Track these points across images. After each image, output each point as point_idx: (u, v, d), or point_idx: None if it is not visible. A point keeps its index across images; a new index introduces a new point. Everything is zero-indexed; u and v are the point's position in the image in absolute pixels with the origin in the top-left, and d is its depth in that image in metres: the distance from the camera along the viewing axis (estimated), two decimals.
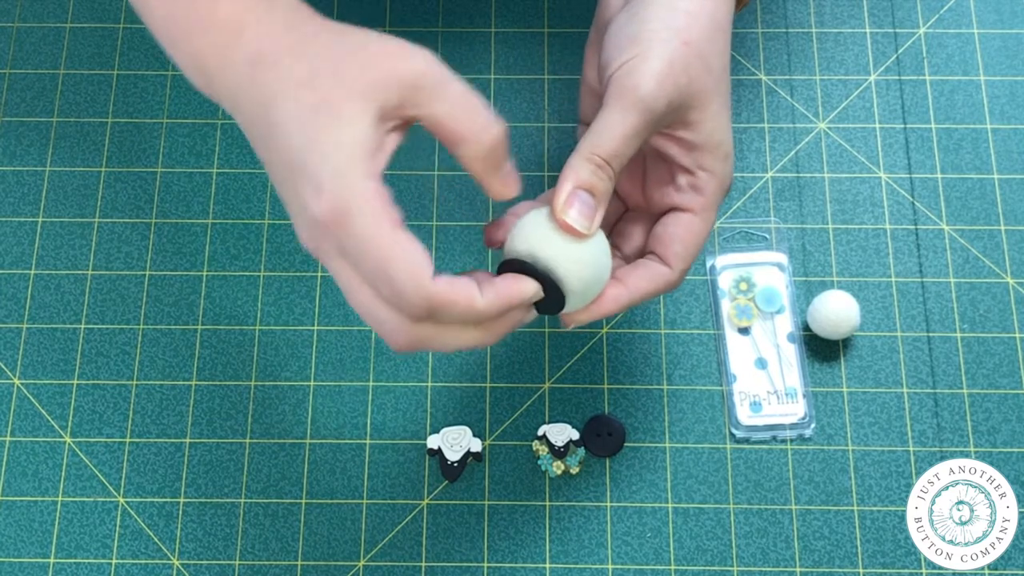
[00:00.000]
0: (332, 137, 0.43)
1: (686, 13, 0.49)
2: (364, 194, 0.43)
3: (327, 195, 0.43)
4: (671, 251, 0.51)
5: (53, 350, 0.66)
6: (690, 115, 0.50)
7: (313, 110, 0.44)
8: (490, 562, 0.62)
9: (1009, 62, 0.71)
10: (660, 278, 0.51)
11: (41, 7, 0.74)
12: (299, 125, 0.44)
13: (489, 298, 0.45)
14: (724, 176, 0.51)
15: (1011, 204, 0.68)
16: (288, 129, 0.44)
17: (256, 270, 0.67)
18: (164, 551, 0.62)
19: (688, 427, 0.64)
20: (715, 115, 0.50)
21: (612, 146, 0.48)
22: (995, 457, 0.63)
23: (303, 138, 0.44)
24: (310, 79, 0.45)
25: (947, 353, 0.65)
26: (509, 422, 0.64)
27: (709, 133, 0.50)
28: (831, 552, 0.62)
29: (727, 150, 0.51)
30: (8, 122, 0.71)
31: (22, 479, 0.64)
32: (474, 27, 0.73)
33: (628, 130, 0.48)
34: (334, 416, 0.65)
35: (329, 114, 0.44)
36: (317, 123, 0.44)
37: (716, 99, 0.50)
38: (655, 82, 0.48)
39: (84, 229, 0.68)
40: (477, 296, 0.45)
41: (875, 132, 0.70)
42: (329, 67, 0.45)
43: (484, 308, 0.45)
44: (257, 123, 0.46)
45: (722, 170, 0.51)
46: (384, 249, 0.43)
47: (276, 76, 0.45)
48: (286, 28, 0.47)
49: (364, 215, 0.43)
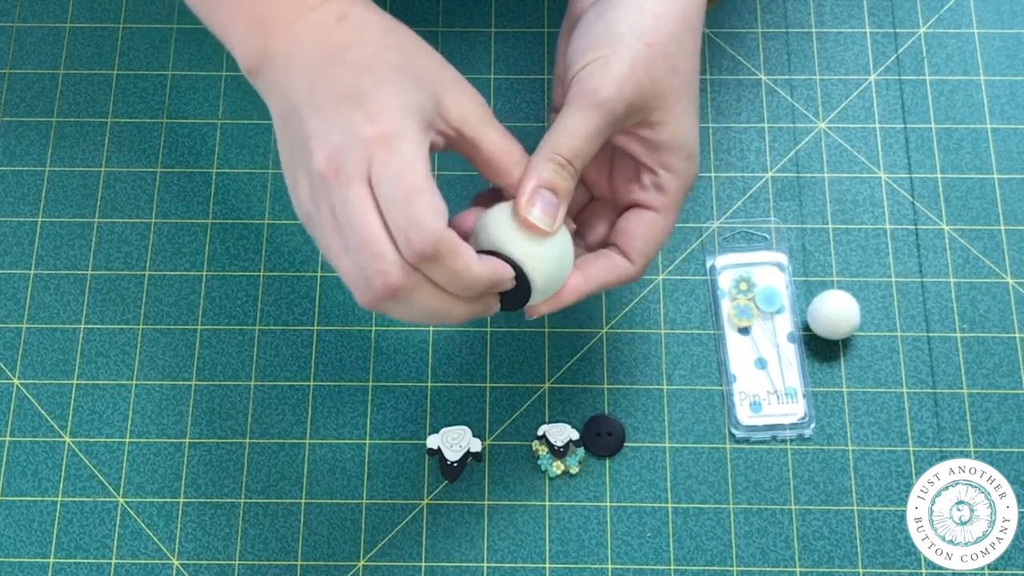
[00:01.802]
0: (406, 88, 0.46)
1: (653, 16, 0.50)
2: (417, 134, 0.46)
3: (385, 120, 0.45)
4: (633, 246, 0.53)
5: (53, 350, 0.66)
6: (653, 115, 0.50)
7: (396, 64, 0.47)
8: (490, 562, 0.62)
9: (1009, 62, 0.71)
10: (620, 271, 0.53)
11: (41, 7, 0.74)
12: (378, 68, 0.47)
13: (485, 263, 0.47)
14: (687, 176, 0.52)
15: (1011, 204, 0.68)
16: (364, 68, 0.46)
17: (256, 270, 0.67)
18: (164, 551, 0.62)
19: (688, 427, 0.64)
20: (679, 116, 0.51)
21: (572, 145, 0.49)
22: (995, 457, 0.63)
23: (378, 77, 0.46)
24: (397, 46, 0.48)
25: (947, 353, 0.65)
26: (509, 422, 0.64)
27: (672, 134, 0.51)
28: (831, 552, 0.62)
29: (691, 150, 0.52)
30: (8, 122, 0.71)
31: (22, 479, 0.64)
32: (474, 27, 0.73)
33: (588, 131, 0.49)
34: (334, 416, 0.65)
35: (409, 74, 0.47)
36: (396, 74, 0.47)
37: (681, 100, 0.51)
38: (615, 85, 0.49)
39: (84, 229, 0.68)
40: (476, 260, 0.47)
41: (875, 132, 0.70)
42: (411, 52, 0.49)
43: (478, 271, 0.47)
44: (315, 67, 0.47)
45: (685, 169, 0.52)
46: (419, 179, 0.45)
47: (365, 30, 0.48)
48: (374, 9, 0.50)
49: (412, 144, 0.45)
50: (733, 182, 0.69)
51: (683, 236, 0.68)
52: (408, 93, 0.46)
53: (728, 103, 0.70)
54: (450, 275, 0.46)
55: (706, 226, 0.68)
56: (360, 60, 0.47)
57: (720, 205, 0.68)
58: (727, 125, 0.70)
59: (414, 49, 0.50)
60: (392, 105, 0.45)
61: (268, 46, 0.49)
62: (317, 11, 0.49)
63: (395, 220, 0.45)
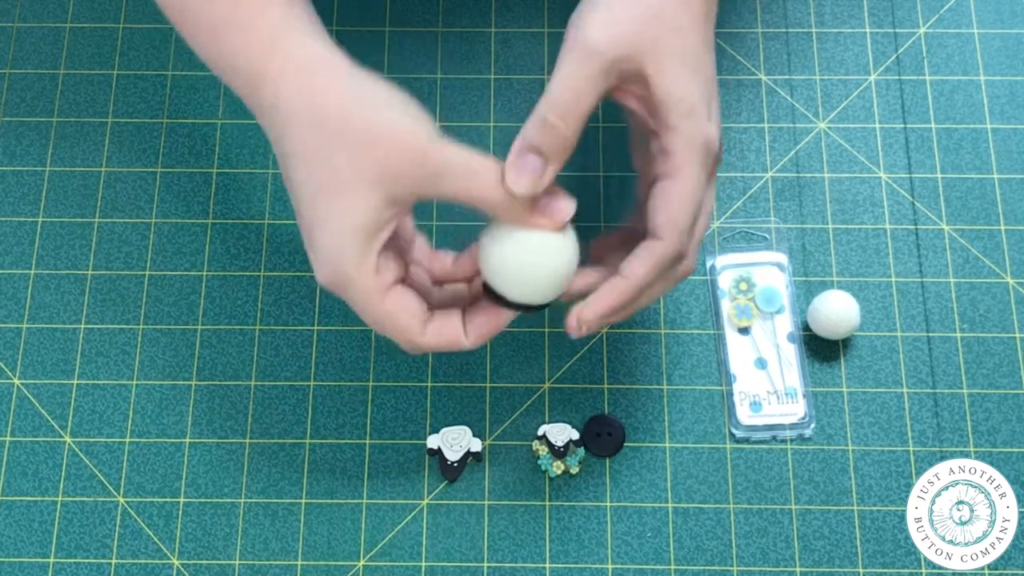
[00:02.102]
0: (338, 217, 0.48)
1: None
2: (360, 271, 0.49)
3: (327, 269, 0.49)
4: (657, 223, 0.50)
5: (53, 350, 0.66)
6: (646, 68, 0.49)
7: (323, 187, 0.48)
8: (490, 562, 0.62)
9: (1009, 62, 0.71)
10: (656, 252, 0.50)
11: (41, 7, 0.74)
12: (309, 198, 0.49)
13: (474, 336, 0.52)
14: (691, 134, 0.49)
15: (1011, 204, 0.68)
16: (300, 195, 0.49)
17: (256, 270, 0.67)
18: (164, 551, 0.62)
19: (688, 427, 0.64)
20: (673, 70, 0.49)
21: (563, 97, 0.48)
22: (995, 457, 0.63)
23: (312, 211, 0.49)
24: (322, 152, 0.48)
25: (947, 353, 0.65)
26: (509, 422, 0.64)
27: (668, 89, 0.49)
28: (831, 552, 0.62)
29: (690, 105, 0.49)
30: (8, 122, 0.71)
31: (22, 479, 0.64)
32: (474, 27, 0.73)
33: (579, 80, 0.48)
34: (334, 416, 0.65)
35: (339, 195, 0.48)
36: (325, 201, 0.49)
37: (674, 53, 0.49)
38: (600, 28, 0.48)
39: (84, 229, 0.68)
40: (462, 337, 0.52)
41: (875, 132, 0.70)
42: (340, 143, 0.48)
43: (471, 345, 0.52)
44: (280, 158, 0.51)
45: (687, 127, 0.49)
46: (378, 314, 0.50)
47: (290, 135, 0.49)
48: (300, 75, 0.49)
49: (358, 291, 0.49)
50: (733, 182, 0.69)
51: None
52: (347, 210, 0.48)
53: (728, 103, 0.70)
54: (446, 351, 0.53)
55: None
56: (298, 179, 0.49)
57: (720, 205, 0.68)
58: (727, 125, 0.70)
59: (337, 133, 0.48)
60: (329, 249, 0.49)
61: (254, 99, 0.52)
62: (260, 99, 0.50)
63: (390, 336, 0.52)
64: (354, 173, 0.47)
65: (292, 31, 0.50)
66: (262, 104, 0.50)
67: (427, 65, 0.72)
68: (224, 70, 0.52)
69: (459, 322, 0.52)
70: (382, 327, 0.51)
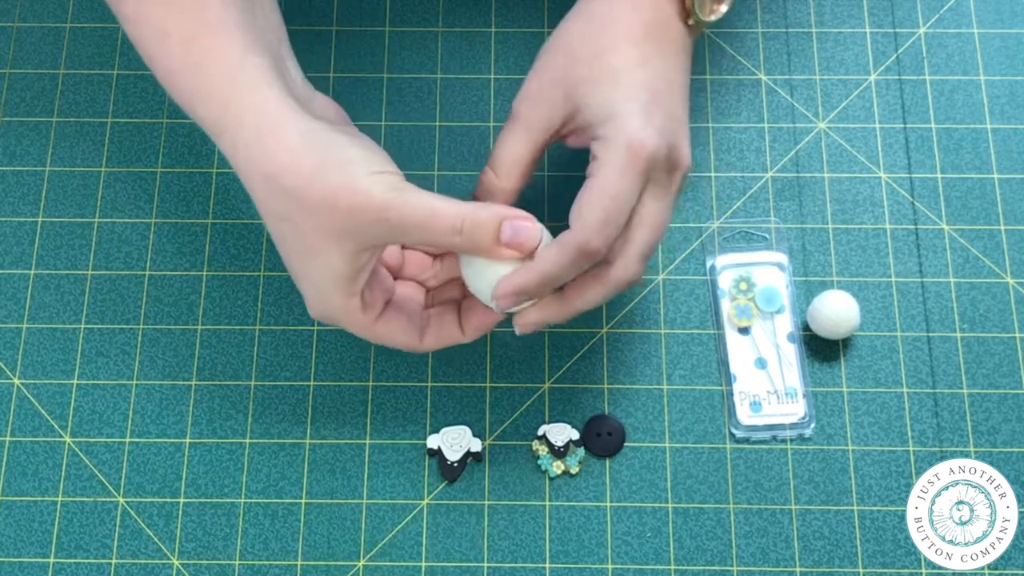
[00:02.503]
0: (315, 272, 0.51)
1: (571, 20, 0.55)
2: (347, 312, 0.52)
3: (318, 310, 0.53)
4: (571, 216, 0.51)
5: (53, 350, 0.66)
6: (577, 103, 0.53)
7: (296, 249, 0.51)
8: (490, 562, 0.62)
9: (1009, 62, 0.71)
10: (564, 240, 0.50)
11: (41, 7, 0.74)
12: (285, 254, 0.52)
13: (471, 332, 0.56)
14: (609, 136, 0.50)
15: (1011, 204, 0.68)
16: (278, 247, 0.52)
17: (256, 270, 0.67)
18: (164, 551, 0.62)
19: (688, 427, 0.64)
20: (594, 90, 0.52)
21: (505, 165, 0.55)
22: (995, 457, 0.63)
23: (291, 266, 0.53)
24: (286, 214, 0.50)
25: (947, 353, 0.65)
26: (509, 422, 0.64)
27: (589, 106, 0.52)
28: (831, 552, 0.62)
29: (608, 111, 0.51)
30: (8, 122, 0.71)
31: (22, 479, 0.64)
32: (474, 27, 0.73)
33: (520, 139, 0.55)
34: (334, 416, 0.65)
35: (310, 254, 0.50)
36: (302, 259, 0.51)
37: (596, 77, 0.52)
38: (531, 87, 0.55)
39: (84, 229, 0.68)
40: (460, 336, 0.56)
41: (875, 132, 0.70)
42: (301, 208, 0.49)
43: (469, 339, 0.57)
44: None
45: (606, 131, 0.51)
46: (374, 337, 0.54)
47: (254, 193, 0.51)
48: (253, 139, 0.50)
49: (350, 325, 0.53)
50: (733, 182, 0.69)
51: (683, 236, 0.68)
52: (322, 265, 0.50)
53: (728, 103, 0.70)
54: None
55: (706, 226, 0.68)
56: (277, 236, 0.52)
57: (720, 205, 0.68)
58: (727, 125, 0.70)
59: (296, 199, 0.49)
60: (314, 295, 0.52)
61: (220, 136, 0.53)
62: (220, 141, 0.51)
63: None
64: (320, 235, 0.49)
65: (245, 85, 0.50)
66: (225, 151, 0.51)
67: (427, 65, 0.72)
68: (188, 111, 0.52)
69: (455, 321, 0.56)
70: (382, 343, 0.55)
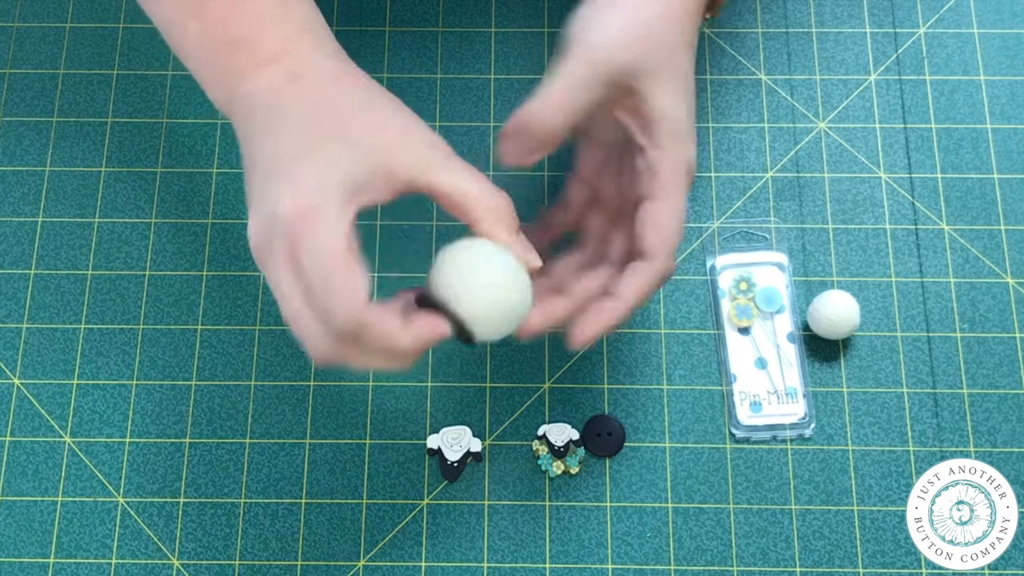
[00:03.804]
0: (330, 159, 0.47)
1: None
2: (336, 210, 0.46)
3: (303, 199, 0.46)
4: (648, 244, 0.52)
5: (53, 350, 0.66)
6: (641, 83, 0.50)
7: (325, 132, 0.47)
8: (490, 562, 0.62)
9: (1009, 62, 0.71)
10: (650, 272, 0.52)
11: (41, 7, 0.74)
12: (305, 137, 0.47)
13: (410, 336, 0.47)
14: (677, 155, 0.51)
15: (1011, 204, 0.68)
16: (291, 135, 0.48)
17: (256, 270, 0.67)
18: (164, 551, 0.62)
19: (688, 427, 0.64)
20: (666, 89, 0.51)
21: (559, 90, 0.50)
22: (995, 457, 0.63)
23: (303, 148, 0.47)
24: (335, 108, 0.48)
25: (947, 353, 0.65)
26: (509, 422, 0.64)
27: (661, 108, 0.51)
28: (831, 552, 0.62)
29: (679, 127, 0.51)
30: (8, 122, 0.71)
31: (22, 479, 0.64)
32: (474, 27, 0.73)
33: (576, 80, 0.50)
34: (334, 416, 0.65)
35: (337, 141, 0.47)
36: (322, 143, 0.47)
37: (671, 78, 0.51)
38: (602, 38, 0.50)
39: (84, 229, 0.68)
40: (400, 335, 0.47)
41: (875, 132, 0.70)
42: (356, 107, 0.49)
43: (404, 346, 0.47)
44: (263, 121, 0.49)
45: (673, 147, 0.51)
46: (335, 259, 0.45)
47: (308, 92, 0.49)
48: (332, 61, 0.51)
49: (329, 223, 0.45)
50: (733, 182, 0.69)
51: (683, 236, 0.68)
52: (335, 163, 0.47)
53: (728, 103, 0.70)
54: (376, 349, 0.47)
55: (706, 226, 0.68)
56: (295, 127, 0.48)
57: (720, 205, 0.68)
58: (727, 125, 0.70)
59: (358, 106, 0.50)
60: (312, 180, 0.46)
61: (230, 97, 0.51)
62: (272, 65, 0.50)
63: (315, 302, 0.46)
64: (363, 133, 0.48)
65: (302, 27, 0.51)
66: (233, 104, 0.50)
67: (427, 65, 0.72)
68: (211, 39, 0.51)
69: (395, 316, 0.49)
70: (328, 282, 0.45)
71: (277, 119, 0.49)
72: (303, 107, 0.48)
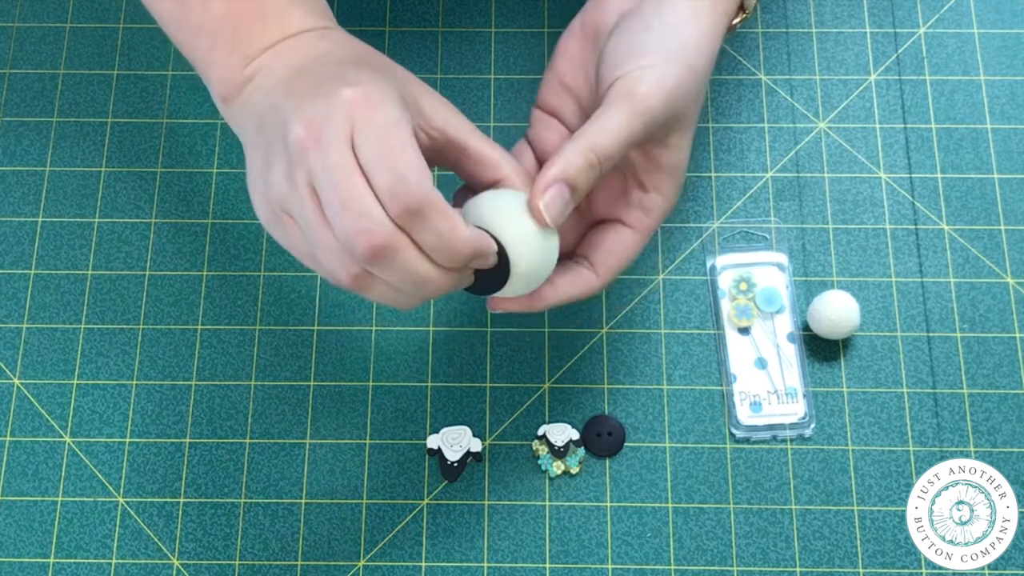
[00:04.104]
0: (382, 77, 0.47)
1: (695, 43, 0.50)
2: (398, 102, 0.45)
3: (367, 86, 0.45)
4: (604, 262, 0.53)
5: (53, 350, 0.66)
6: (671, 137, 0.51)
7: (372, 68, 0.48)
8: (490, 562, 0.62)
9: (1009, 62, 0.71)
10: (586, 284, 0.53)
11: (41, 7, 0.74)
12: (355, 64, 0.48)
13: (471, 230, 0.46)
14: (671, 203, 0.53)
15: (1011, 204, 0.68)
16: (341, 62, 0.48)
17: (256, 270, 0.67)
18: (164, 551, 0.62)
19: (688, 427, 0.64)
20: (687, 143, 0.52)
21: (608, 146, 0.48)
22: (995, 457, 0.63)
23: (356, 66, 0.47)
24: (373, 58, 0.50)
25: (947, 353, 0.65)
26: (509, 422, 0.64)
27: (678, 158, 0.51)
28: (831, 552, 0.62)
29: (684, 179, 0.53)
30: (8, 122, 0.71)
31: (22, 479, 0.64)
32: (474, 27, 0.73)
33: (627, 134, 0.48)
34: (334, 416, 0.65)
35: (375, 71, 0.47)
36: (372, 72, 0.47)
37: (692, 127, 0.52)
38: (665, 95, 0.49)
39: (84, 229, 0.68)
40: (462, 225, 0.45)
41: (875, 132, 0.70)
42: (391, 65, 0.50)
43: (465, 234, 0.45)
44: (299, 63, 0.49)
45: (673, 196, 0.53)
46: (404, 136, 0.44)
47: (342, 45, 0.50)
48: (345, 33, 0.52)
49: (395, 107, 0.45)
50: (733, 182, 0.69)
51: (683, 236, 0.68)
52: (388, 82, 0.47)
53: (728, 103, 0.70)
54: (435, 236, 0.45)
55: (706, 226, 0.68)
56: (341, 58, 0.49)
57: (720, 205, 0.68)
58: (727, 125, 0.70)
59: (389, 64, 0.51)
60: (373, 82, 0.45)
61: (248, 69, 0.50)
62: (297, 36, 0.50)
63: (379, 178, 0.43)
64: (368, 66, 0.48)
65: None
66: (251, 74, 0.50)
67: (427, 65, 0.72)
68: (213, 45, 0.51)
69: None
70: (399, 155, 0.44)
71: (319, 58, 0.49)
72: (343, 51, 0.49)
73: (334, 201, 0.44)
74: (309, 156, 0.44)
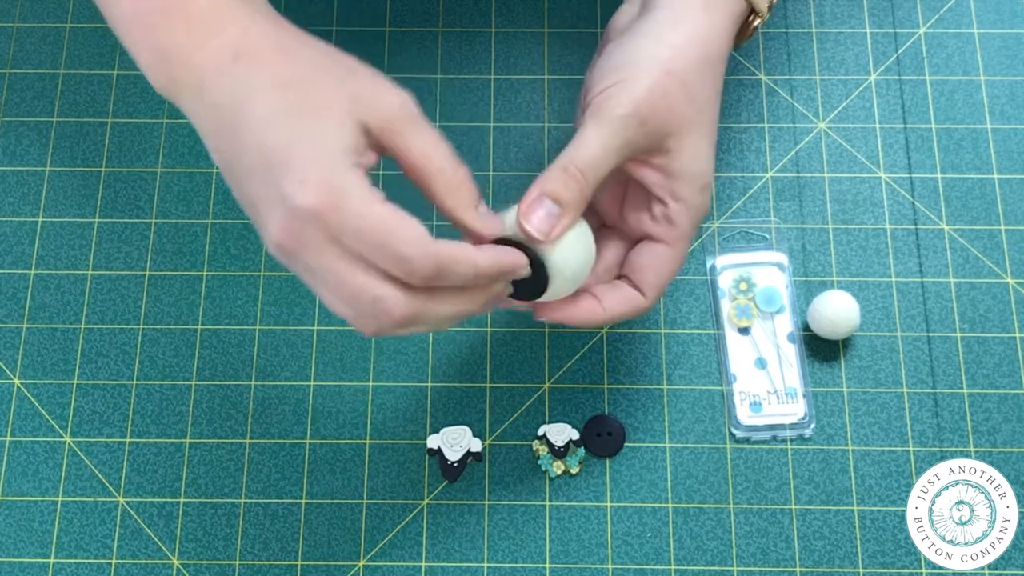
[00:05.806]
0: (318, 132, 0.44)
1: (671, 46, 0.51)
2: (353, 177, 0.44)
3: (316, 182, 0.43)
4: (644, 280, 0.53)
5: (53, 350, 0.66)
6: (668, 142, 0.51)
7: (297, 109, 0.45)
8: (490, 562, 0.62)
9: (1009, 62, 0.71)
10: (634, 303, 0.54)
11: (41, 7, 0.74)
12: (282, 121, 0.45)
13: (487, 255, 0.47)
14: (698, 208, 0.53)
15: (1011, 204, 0.68)
16: (267, 125, 0.45)
17: (256, 270, 0.67)
18: (164, 551, 0.62)
19: (688, 427, 0.64)
20: (694, 145, 0.51)
21: (584, 157, 0.49)
22: (995, 457, 0.63)
23: (286, 133, 0.44)
24: (295, 81, 0.46)
25: (947, 353, 0.65)
26: (509, 422, 0.64)
27: (686, 162, 0.51)
28: (831, 552, 0.62)
29: (704, 181, 0.52)
30: (8, 122, 0.71)
31: (22, 479, 0.64)
32: (474, 27, 0.73)
33: (601, 145, 0.50)
34: (334, 416, 0.65)
35: (314, 114, 0.45)
36: (301, 121, 0.45)
37: (697, 129, 0.51)
38: (632, 105, 0.49)
39: (84, 229, 0.68)
40: (478, 254, 0.46)
41: (875, 132, 0.70)
42: (314, 73, 0.46)
43: (485, 265, 0.46)
44: (226, 119, 0.46)
45: (697, 202, 0.52)
46: (385, 220, 0.44)
47: (259, 72, 0.46)
48: (271, 27, 0.48)
49: (357, 193, 0.44)
50: (733, 182, 0.69)
51: None
52: (323, 137, 0.45)
53: (728, 103, 0.70)
54: (459, 279, 0.46)
55: (706, 226, 0.68)
56: (263, 115, 0.45)
57: (720, 205, 0.68)
58: (727, 125, 0.70)
59: (316, 71, 0.47)
60: (314, 165, 0.44)
61: (174, 76, 0.48)
62: (216, 40, 0.47)
63: (384, 265, 0.44)
64: (329, 91, 0.45)
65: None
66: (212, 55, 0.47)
67: (427, 65, 0.72)
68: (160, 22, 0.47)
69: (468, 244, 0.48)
70: (388, 240, 0.44)
71: (238, 113, 0.46)
72: (261, 92, 0.46)
73: (344, 295, 0.45)
74: (300, 258, 0.45)
